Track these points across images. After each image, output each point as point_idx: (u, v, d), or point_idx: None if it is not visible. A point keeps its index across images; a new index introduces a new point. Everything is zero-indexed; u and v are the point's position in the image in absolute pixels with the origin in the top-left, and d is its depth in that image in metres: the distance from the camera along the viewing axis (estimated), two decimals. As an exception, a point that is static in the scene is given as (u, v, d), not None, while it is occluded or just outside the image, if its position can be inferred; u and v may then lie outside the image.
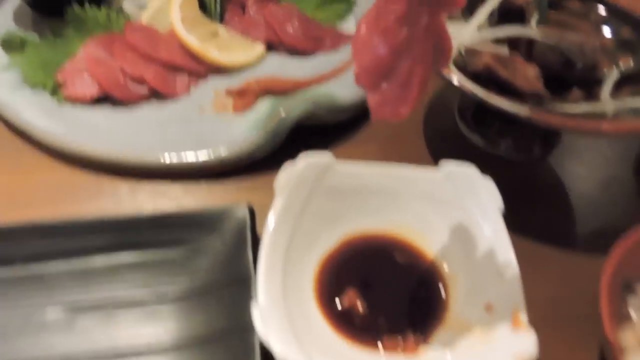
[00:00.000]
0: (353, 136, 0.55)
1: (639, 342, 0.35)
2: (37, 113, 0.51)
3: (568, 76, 0.47)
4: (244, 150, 0.48)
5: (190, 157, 0.48)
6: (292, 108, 0.50)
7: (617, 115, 0.41)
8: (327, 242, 0.43)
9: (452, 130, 0.56)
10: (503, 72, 0.43)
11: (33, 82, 0.53)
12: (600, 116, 0.41)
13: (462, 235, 0.41)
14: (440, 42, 0.27)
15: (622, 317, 0.37)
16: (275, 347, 0.32)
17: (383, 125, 0.57)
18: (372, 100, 0.28)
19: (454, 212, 0.42)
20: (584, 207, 0.51)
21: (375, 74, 0.28)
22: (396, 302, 0.41)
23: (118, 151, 0.48)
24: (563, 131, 0.41)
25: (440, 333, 0.38)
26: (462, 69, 0.44)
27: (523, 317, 0.35)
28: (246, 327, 0.36)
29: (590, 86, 0.46)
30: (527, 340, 0.33)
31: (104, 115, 0.51)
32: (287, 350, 0.32)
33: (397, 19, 0.27)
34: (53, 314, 0.39)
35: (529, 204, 0.50)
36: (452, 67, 0.43)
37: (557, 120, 0.40)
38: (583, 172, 0.54)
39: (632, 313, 0.37)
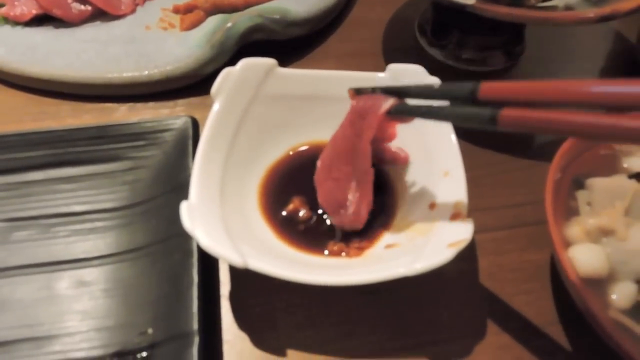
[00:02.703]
0: (308, 54, 0.53)
1: (585, 233, 0.34)
2: (-25, 34, 0.49)
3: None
4: (189, 65, 0.47)
5: (134, 73, 0.46)
6: (239, 20, 0.48)
7: (569, 7, 0.39)
8: (273, 152, 0.42)
9: (412, 46, 0.55)
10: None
11: (-30, 4, 0.51)
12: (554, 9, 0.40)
13: (410, 138, 0.40)
14: (385, 155, 0.40)
15: (571, 214, 0.36)
16: (202, 240, 0.31)
17: (340, 43, 0.55)
18: (334, 220, 0.38)
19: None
20: (544, 116, 0.49)
21: (333, 206, 0.37)
22: (344, 210, 0.40)
23: (60, 70, 0.46)
24: (511, 21, 0.39)
25: (386, 235, 0.38)
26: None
27: (462, 209, 0.34)
28: (185, 234, 0.35)
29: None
30: (463, 228, 0.32)
31: (45, 35, 0.49)
32: (214, 244, 0.31)
33: (345, 174, 0.37)
34: (-12, 226, 0.38)
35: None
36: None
37: (504, 12, 0.38)
38: (545, 82, 0.52)
39: (580, 206, 0.36)
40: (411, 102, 0.34)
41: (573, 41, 0.56)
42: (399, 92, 0.34)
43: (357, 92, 0.36)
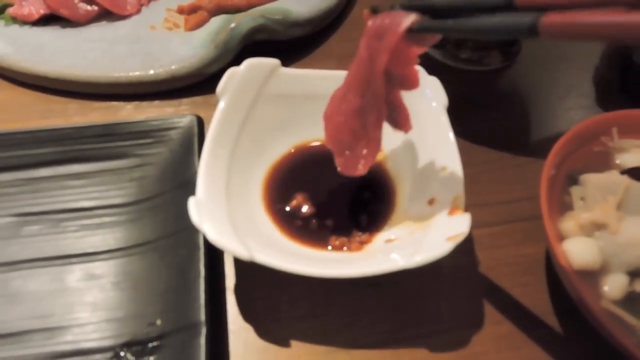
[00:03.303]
0: (309, 54, 0.54)
1: (579, 227, 0.36)
2: (-17, 34, 0.50)
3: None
4: (194, 64, 0.48)
5: (139, 72, 0.47)
6: (242, 21, 0.49)
7: None
8: (276, 149, 0.43)
9: (411, 46, 0.55)
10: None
11: (-22, 4, 0.52)
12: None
13: (409, 135, 0.41)
14: (399, 112, 0.34)
15: (565, 208, 0.37)
16: (210, 234, 0.32)
17: (341, 42, 0.56)
18: (338, 162, 0.36)
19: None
20: (541, 114, 0.50)
21: (339, 146, 0.35)
22: (344, 206, 0.41)
23: (66, 69, 0.47)
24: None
25: (386, 230, 0.39)
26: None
27: (460, 203, 0.35)
28: (192, 229, 0.36)
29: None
30: (461, 222, 0.33)
31: (52, 34, 0.51)
32: (221, 238, 0.32)
33: (355, 107, 0.34)
34: (0, 221, 0.39)
35: (486, 112, 0.50)
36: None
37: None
38: (542, 82, 0.53)
39: (574, 201, 0.37)
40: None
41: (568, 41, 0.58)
42: (422, 9, 0.29)
43: (374, 12, 0.31)
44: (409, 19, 0.29)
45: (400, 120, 0.35)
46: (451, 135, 0.38)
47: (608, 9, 0.22)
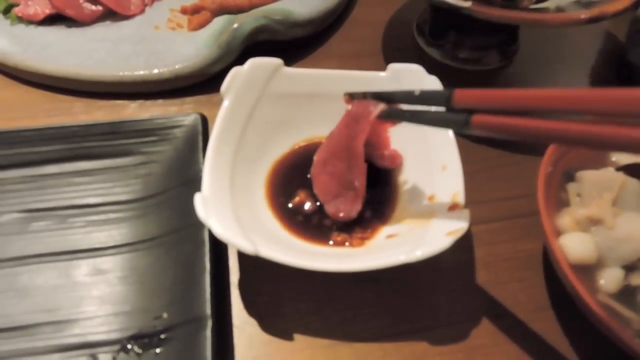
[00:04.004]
0: (311, 53, 0.55)
1: (575, 223, 0.36)
2: (-10, 33, 0.51)
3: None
4: (197, 64, 0.48)
5: (144, 71, 0.48)
6: (245, 21, 0.49)
7: (560, 9, 0.41)
8: (279, 147, 0.44)
9: (410, 46, 0.56)
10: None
11: (-15, 4, 0.53)
12: (546, 11, 0.42)
13: (409, 134, 0.42)
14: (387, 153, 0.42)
15: (562, 205, 0.38)
16: (216, 229, 0.33)
17: (341, 43, 0.57)
18: (329, 210, 0.40)
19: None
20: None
21: (328, 196, 0.40)
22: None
23: (71, 67, 0.48)
24: (504, 23, 0.41)
25: (387, 226, 0.39)
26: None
27: (460, 200, 0.36)
28: (197, 225, 0.37)
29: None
30: (461, 218, 0.34)
31: (57, 34, 0.51)
32: (227, 233, 0.33)
33: (339, 170, 0.39)
34: (7, 218, 0.40)
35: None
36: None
37: (498, 14, 0.40)
38: (539, 81, 0.54)
39: (570, 198, 0.38)
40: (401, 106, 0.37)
41: (565, 40, 0.59)
42: (388, 98, 0.37)
43: (351, 97, 0.39)
44: (378, 108, 0.37)
45: (381, 161, 0.42)
46: (451, 133, 0.39)
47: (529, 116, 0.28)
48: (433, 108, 0.33)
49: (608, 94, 0.25)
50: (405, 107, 0.36)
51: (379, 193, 0.42)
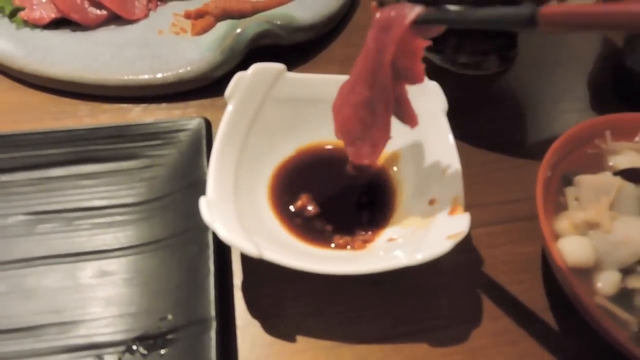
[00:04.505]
0: (313, 58, 0.56)
1: (573, 227, 0.37)
2: (-5, 37, 0.51)
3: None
4: (201, 68, 0.49)
5: (148, 75, 0.49)
6: (248, 26, 0.50)
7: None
8: (282, 151, 0.44)
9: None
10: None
11: (-9, 7, 0.53)
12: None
13: (410, 138, 0.43)
14: (405, 107, 0.35)
15: (560, 208, 0.39)
16: (221, 232, 0.33)
17: (343, 47, 0.57)
18: (349, 151, 0.37)
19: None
20: (536, 117, 0.52)
21: (349, 135, 0.36)
22: (347, 206, 0.43)
23: (76, 71, 0.49)
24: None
25: (388, 229, 0.40)
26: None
27: (460, 203, 0.36)
28: (201, 228, 0.37)
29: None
30: (460, 221, 0.34)
31: (62, 38, 0.52)
32: (232, 236, 0.33)
33: (363, 99, 0.34)
34: (14, 220, 0.40)
35: (483, 115, 0.51)
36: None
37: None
38: (538, 85, 0.55)
39: (569, 202, 0.39)
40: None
41: (564, 45, 0.59)
42: (428, 0, 0.31)
43: (381, 4, 0.33)
44: (415, 11, 0.30)
45: (406, 116, 0.36)
46: (451, 138, 0.40)
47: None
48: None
49: None
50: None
51: (380, 196, 0.42)
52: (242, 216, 0.37)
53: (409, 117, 0.36)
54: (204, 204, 0.34)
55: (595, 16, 0.23)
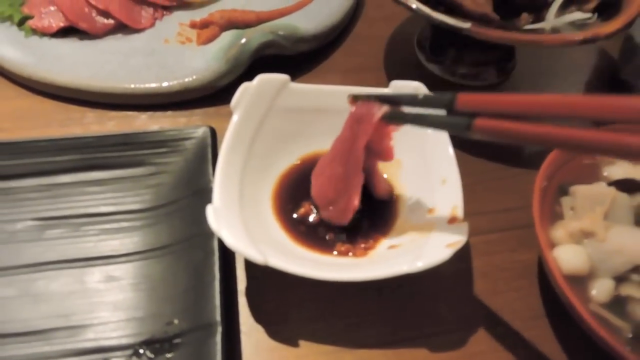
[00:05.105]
0: (315, 67, 0.57)
1: (569, 235, 0.38)
2: (4, 45, 0.52)
3: (517, 1, 0.48)
4: (207, 77, 0.50)
5: (154, 84, 0.50)
6: (253, 37, 0.51)
7: (556, 30, 0.43)
8: (285, 160, 0.45)
9: (411, 62, 0.58)
10: (452, -6, 0.45)
11: (0, 15, 0.54)
12: (542, 32, 0.43)
13: (410, 149, 0.44)
14: (376, 178, 0.42)
15: (556, 218, 0.40)
16: (227, 240, 0.34)
17: (344, 58, 0.59)
18: (323, 214, 0.42)
19: (404, 127, 0.44)
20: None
21: (324, 202, 0.41)
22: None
23: (84, 79, 0.50)
24: (503, 44, 0.43)
25: (389, 237, 0.41)
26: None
27: (459, 213, 0.37)
28: (207, 234, 0.38)
29: (538, 10, 0.48)
30: (459, 230, 0.35)
31: (70, 46, 0.53)
32: (238, 243, 0.34)
33: (337, 174, 0.40)
34: (23, 225, 0.41)
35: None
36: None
37: (496, 35, 0.42)
38: (535, 97, 0.56)
39: (564, 211, 0.40)
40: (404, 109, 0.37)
41: (560, 58, 0.61)
42: (391, 100, 0.37)
43: (355, 98, 0.39)
44: (381, 110, 0.36)
45: (375, 185, 0.42)
46: (450, 148, 0.41)
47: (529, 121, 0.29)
48: (435, 112, 0.34)
49: (608, 101, 0.26)
50: (408, 110, 0.36)
51: (381, 205, 0.43)
52: (247, 223, 0.38)
53: (378, 187, 0.43)
54: (210, 212, 0.35)
55: (519, 133, 0.29)
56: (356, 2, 0.62)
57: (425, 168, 0.42)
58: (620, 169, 0.42)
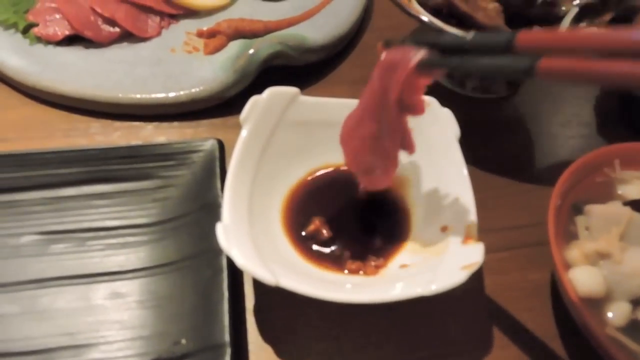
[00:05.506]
0: (323, 78, 0.56)
1: (584, 256, 0.38)
2: (9, 52, 0.51)
3: (529, 13, 0.48)
4: (214, 88, 0.49)
5: (161, 94, 0.49)
6: (261, 47, 0.51)
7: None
8: (294, 174, 0.45)
9: (420, 73, 0.58)
10: (463, 7, 0.44)
11: (4, 22, 0.53)
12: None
13: (422, 164, 0.43)
14: (405, 134, 0.36)
15: (570, 237, 0.40)
16: (238, 260, 0.33)
17: (352, 68, 0.58)
18: (362, 181, 0.40)
19: (415, 142, 0.43)
20: (544, 142, 0.53)
21: (361, 167, 0.39)
22: (359, 231, 0.43)
23: (89, 89, 0.49)
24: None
25: (400, 255, 0.40)
26: (423, 3, 0.45)
27: (474, 232, 0.37)
28: (215, 251, 0.37)
29: (550, 23, 0.48)
30: (475, 251, 0.35)
31: (75, 54, 0.52)
32: (249, 263, 0.33)
33: (371, 132, 0.36)
34: (27, 239, 0.40)
35: (492, 139, 0.52)
36: (413, 2, 0.44)
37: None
38: (545, 110, 0.55)
39: (579, 231, 0.39)
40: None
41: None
42: (431, 44, 0.32)
43: (387, 45, 0.34)
44: (419, 54, 0.31)
45: (407, 144, 0.37)
46: (463, 166, 0.40)
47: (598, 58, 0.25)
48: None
49: None
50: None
51: (393, 222, 0.42)
52: (256, 241, 0.37)
53: (409, 145, 0.37)
54: (220, 230, 0.35)
55: (592, 72, 0.25)
56: (364, 12, 0.61)
57: (438, 185, 0.42)
58: (635, 188, 0.42)
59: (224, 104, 0.51)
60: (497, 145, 0.52)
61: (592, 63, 0.25)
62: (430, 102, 0.43)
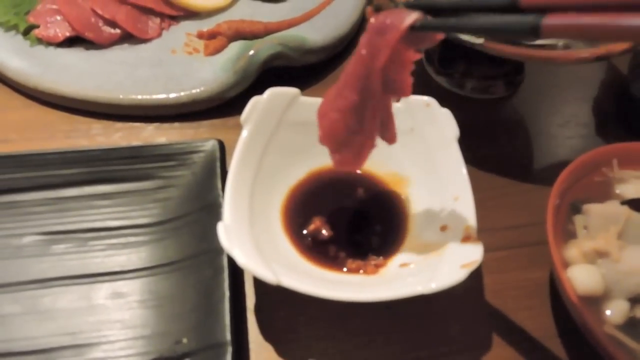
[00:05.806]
0: (323, 79, 0.56)
1: (583, 255, 0.38)
2: (10, 54, 0.52)
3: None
4: (215, 89, 0.50)
5: (162, 95, 0.49)
6: (261, 48, 0.51)
7: (568, 46, 0.42)
8: (294, 174, 0.45)
9: (419, 74, 0.58)
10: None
11: (5, 24, 0.53)
12: (554, 48, 0.43)
13: (421, 164, 0.43)
14: (387, 119, 0.35)
15: (569, 236, 0.40)
16: (240, 259, 0.34)
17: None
18: (333, 159, 0.36)
19: (414, 142, 0.44)
20: (542, 142, 0.53)
21: (334, 142, 0.35)
22: (359, 230, 0.43)
23: (90, 90, 0.49)
24: (515, 59, 0.42)
25: (400, 254, 0.41)
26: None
27: (473, 232, 0.37)
28: (216, 250, 0.38)
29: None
30: (474, 250, 0.35)
31: (76, 56, 0.52)
32: (250, 263, 0.34)
33: (351, 104, 0.33)
34: (29, 240, 0.41)
35: (491, 139, 0.52)
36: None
37: (509, 50, 0.41)
38: (544, 110, 0.56)
39: (578, 230, 0.40)
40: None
41: (569, 71, 0.60)
42: (425, 8, 0.29)
43: (377, 10, 0.32)
44: (412, 16, 0.29)
45: (387, 131, 0.36)
46: (463, 165, 0.40)
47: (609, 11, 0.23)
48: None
49: None
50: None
51: (392, 221, 0.43)
52: (257, 240, 0.37)
53: (390, 132, 0.35)
54: (221, 230, 0.35)
55: (601, 27, 0.23)
56: (364, 13, 0.61)
57: (437, 184, 0.42)
58: (633, 187, 0.42)
59: (225, 105, 0.52)
60: (496, 146, 0.52)
61: (601, 17, 0.22)
62: (430, 102, 0.43)
